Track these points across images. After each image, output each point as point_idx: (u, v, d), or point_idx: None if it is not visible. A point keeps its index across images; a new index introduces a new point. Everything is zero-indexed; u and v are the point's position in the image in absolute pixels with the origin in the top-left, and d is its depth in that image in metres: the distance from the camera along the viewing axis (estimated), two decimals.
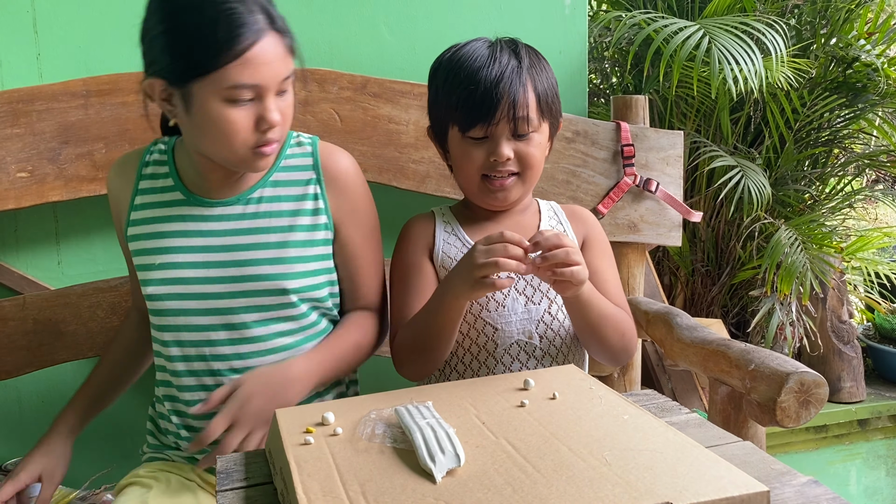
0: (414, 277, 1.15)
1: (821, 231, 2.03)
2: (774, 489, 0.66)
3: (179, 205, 1.11)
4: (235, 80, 0.95)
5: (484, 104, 1.06)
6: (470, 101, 1.06)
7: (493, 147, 1.08)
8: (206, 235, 1.09)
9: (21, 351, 1.34)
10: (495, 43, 1.11)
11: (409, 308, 1.13)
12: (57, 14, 1.39)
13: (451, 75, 1.10)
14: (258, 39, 0.95)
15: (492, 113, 1.06)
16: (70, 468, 1.46)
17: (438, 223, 1.19)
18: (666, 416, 0.86)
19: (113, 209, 1.18)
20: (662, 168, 1.57)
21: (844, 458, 2.15)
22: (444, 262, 1.15)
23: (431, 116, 1.17)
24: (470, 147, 1.09)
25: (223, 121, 0.97)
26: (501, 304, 1.12)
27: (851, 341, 2.13)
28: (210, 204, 1.10)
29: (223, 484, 0.76)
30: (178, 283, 1.08)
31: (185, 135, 1.06)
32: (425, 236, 1.18)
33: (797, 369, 1.07)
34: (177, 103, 1.00)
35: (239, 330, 1.09)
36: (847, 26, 2.06)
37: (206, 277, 1.08)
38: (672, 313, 1.39)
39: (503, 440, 0.72)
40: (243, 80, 0.95)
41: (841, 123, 2.18)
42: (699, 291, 2.24)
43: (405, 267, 1.17)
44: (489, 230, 1.16)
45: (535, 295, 1.14)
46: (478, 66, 1.07)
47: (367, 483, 0.65)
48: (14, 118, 1.30)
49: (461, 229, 1.18)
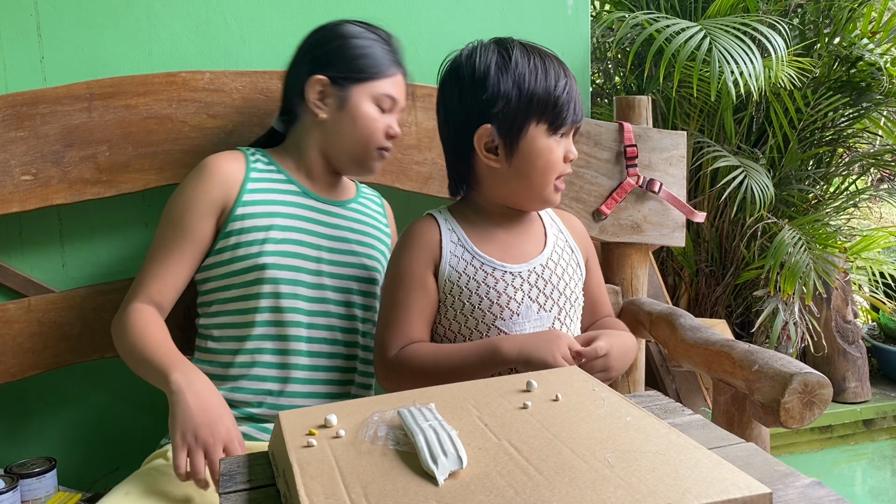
0: (416, 293, 1.14)
1: (825, 231, 2.02)
2: (777, 491, 0.66)
3: (296, 195, 1.28)
4: (387, 91, 1.27)
5: (572, 101, 1.11)
6: (564, 98, 1.10)
7: (568, 145, 1.13)
8: (320, 224, 1.28)
9: (26, 353, 1.34)
10: (532, 46, 1.14)
11: (410, 326, 1.12)
12: (61, 17, 1.40)
13: (536, 72, 1.10)
14: (403, 72, 1.31)
15: (578, 111, 1.13)
16: (75, 469, 1.47)
17: (444, 232, 1.16)
18: (669, 418, 0.86)
19: (215, 189, 1.23)
20: (666, 168, 1.57)
21: (850, 459, 2.15)
22: (450, 277, 1.13)
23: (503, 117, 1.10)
24: (555, 145, 1.11)
25: (371, 118, 1.26)
26: (515, 312, 1.13)
27: (856, 341, 2.13)
28: (324, 201, 1.31)
29: (226, 486, 0.76)
30: (291, 257, 1.23)
31: (325, 131, 1.27)
32: (430, 248, 1.15)
33: (801, 370, 1.07)
34: (330, 102, 1.25)
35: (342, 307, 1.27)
36: (850, 25, 2.06)
37: (319, 258, 1.26)
38: (676, 314, 1.39)
39: (505, 442, 0.72)
40: (392, 92, 1.27)
41: (845, 123, 2.18)
42: (703, 292, 2.24)
43: (408, 280, 1.14)
44: (496, 237, 1.17)
45: (547, 302, 1.15)
46: (552, 64, 1.12)
47: (370, 485, 0.65)
48: (18, 121, 1.31)
49: (468, 240, 1.16)
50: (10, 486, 1.25)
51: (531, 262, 1.16)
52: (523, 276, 1.14)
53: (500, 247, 1.16)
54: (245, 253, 1.22)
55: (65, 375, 1.46)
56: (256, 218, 1.23)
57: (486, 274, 1.13)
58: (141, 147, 1.37)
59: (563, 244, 1.22)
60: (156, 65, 1.44)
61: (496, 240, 1.17)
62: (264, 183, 1.27)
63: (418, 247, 1.15)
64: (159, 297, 1.22)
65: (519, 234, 1.19)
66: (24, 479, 1.29)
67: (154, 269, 1.23)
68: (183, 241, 1.22)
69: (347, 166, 1.31)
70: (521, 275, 1.14)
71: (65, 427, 1.49)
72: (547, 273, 1.16)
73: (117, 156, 1.36)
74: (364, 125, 1.25)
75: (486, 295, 1.12)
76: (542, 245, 1.20)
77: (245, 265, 1.22)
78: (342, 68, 1.25)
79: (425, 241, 1.16)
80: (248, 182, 1.25)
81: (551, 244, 1.20)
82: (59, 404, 1.49)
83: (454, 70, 1.15)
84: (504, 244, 1.17)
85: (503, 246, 1.16)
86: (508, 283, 1.13)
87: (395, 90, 1.28)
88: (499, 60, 1.11)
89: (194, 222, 1.22)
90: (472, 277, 1.13)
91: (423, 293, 1.14)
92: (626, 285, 1.59)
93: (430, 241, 1.15)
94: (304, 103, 1.27)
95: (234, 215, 1.23)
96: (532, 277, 1.15)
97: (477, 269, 1.13)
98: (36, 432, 1.48)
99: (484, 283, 1.13)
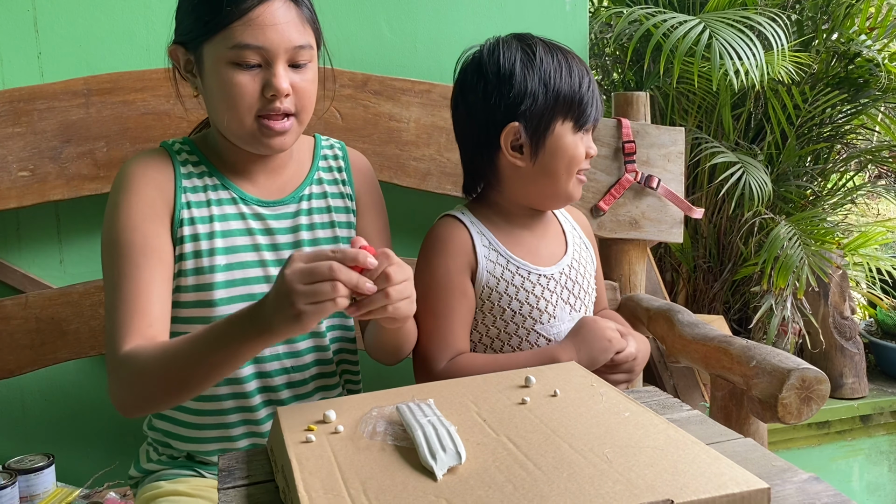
0: (457, 301, 1.10)
1: (822, 227, 2.02)
2: (775, 486, 0.66)
3: (234, 203, 1.06)
4: (239, 40, 0.94)
5: (595, 98, 1.12)
6: (588, 95, 1.11)
7: (588, 142, 1.13)
8: (268, 234, 1.07)
9: (24, 350, 1.34)
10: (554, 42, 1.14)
11: (455, 336, 1.09)
12: (58, 13, 1.39)
13: (561, 69, 1.10)
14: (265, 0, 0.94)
15: (600, 107, 1.13)
16: (72, 466, 1.47)
17: (475, 235, 1.12)
18: (667, 413, 0.86)
19: (148, 209, 1.01)
20: (664, 164, 1.57)
21: (847, 454, 2.15)
22: (488, 283, 1.11)
23: (530, 115, 1.08)
24: (579, 142, 1.11)
25: (228, 83, 0.96)
26: (553, 316, 1.13)
27: (853, 337, 2.13)
28: (266, 204, 1.08)
29: (225, 482, 0.76)
30: (244, 284, 1.04)
31: (207, 110, 1.05)
32: (465, 253, 1.11)
33: (798, 366, 1.07)
34: (193, 71, 1.01)
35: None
36: (848, 21, 2.06)
37: (271, 277, 1.05)
38: (674, 310, 1.40)
39: (504, 437, 0.72)
40: (247, 39, 0.94)
41: (843, 119, 2.18)
42: (701, 288, 2.24)
43: (447, 287, 1.09)
44: (525, 240, 1.16)
45: (577, 302, 1.16)
46: (574, 61, 1.12)
47: (369, 481, 0.65)
48: (15, 117, 1.31)
49: (500, 244, 1.13)
50: (9, 482, 1.25)
51: (560, 264, 1.16)
52: (556, 279, 1.14)
53: (529, 249, 1.15)
54: (204, 282, 1.03)
55: (62, 372, 1.46)
56: (200, 240, 1.03)
57: (522, 279, 1.12)
58: (139, 143, 1.36)
59: (579, 242, 1.23)
60: (153, 60, 1.44)
61: (524, 242, 1.16)
62: (198, 194, 1.05)
63: (453, 252, 1.11)
64: (152, 330, 0.97)
65: (543, 235, 1.18)
66: (23, 475, 1.29)
67: (130, 305, 0.96)
68: (147, 261, 0.98)
69: (240, 143, 1.03)
70: (554, 277, 1.14)
71: (63, 423, 1.49)
72: (574, 273, 1.17)
73: (115, 151, 1.36)
74: (224, 94, 0.97)
75: (526, 300, 1.12)
76: (564, 245, 1.20)
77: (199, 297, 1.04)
78: (187, 25, 0.99)
79: (458, 245, 1.11)
80: (182, 193, 1.04)
81: (572, 243, 1.20)
82: (56, 400, 1.49)
83: (476, 66, 1.12)
84: (532, 246, 1.16)
85: (532, 248, 1.15)
86: (544, 287, 1.13)
87: (255, 34, 0.94)
88: (523, 58, 1.09)
89: (150, 238, 1.00)
90: (511, 283, 1.11)
91: (464, 300, 1.10)
92: (624, 281, 1.59)
93: (464, 246, 1.12)
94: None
95: (178, 237, 1.03)
96: (563, 279, 1.15)
97: (514, 274, 1.12)
98: (34, 428, 1.48)
99: (522, 289, 1.11)
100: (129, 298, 0.96)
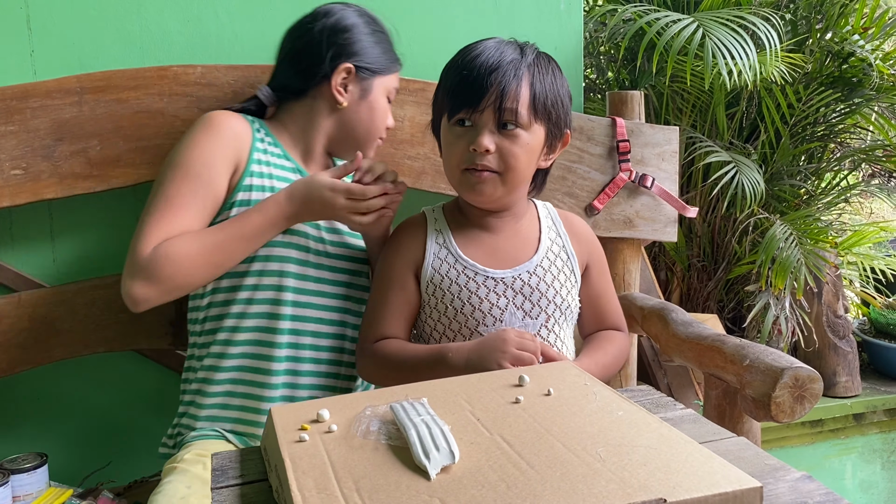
0: (394, 292, 1.15)
1: (816, 226, 2.03)
2: (768, 484, 0.67)
3: (294, 172, 1.26)
4: (395, 85, 1.33)
5: (472, 89, 1.07)
6: (461, 86, 1.08)
7: (474, 136, 1.08)
8: None
9: (16, 349, 1.33)
10: (508, 41, 1.12)
11: (385, 323, 1.14)
12: (51, 11, 1.39)
13: (452, 64, 1.13)
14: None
15: (478, 98, 1.06)
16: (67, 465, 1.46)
17: (430, 232, 1.17)
18: (660, 412, 0.86)
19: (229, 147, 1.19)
20: (658, 164, 1.57)
21: (840, 453, 2.16)
22: (433, 279, 1.13)
23: (433, 110, 1.18)
24: (454, 137, 1.10)
25: (384, 111, 1.31)
26: (498, 319, 1.11)
27: (847, 336, 2.14)
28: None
29: (218, 481, 0.76)
30: (296, 235, 1.22)
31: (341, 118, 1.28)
32: (414, 248, 1.16)
33: (792, 364, 1.08)
34: (352, 90, 1.26)
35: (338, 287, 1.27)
36: (842, 21, 2.06)
37: (320, 238, 1.25)
38: (668, 309, 1.40)
39: (497, 436, 0.72)
40: (397, 86, 1.34)
41: (836, 118, 2.19)
42: (695, 287, 2.25)
43: (388, 279, 1.16)
44: (483, 242, 1.16)
45: (534, 310, 1.13)
46: (477, 54, 1.09)
47: (362, 480, 0.65)
48: (8, 115, 1.30)
49: (453, 241, 1.15)
50: (2, 481, 1.25)
51: (517, 269, 1.14)
52: (507, 283, 1.12)
53: (486, 251, 1.15)
54: None
55: (56, 371, 1.46)
56: (259, 191, 1.20)
57: (467, 279, 1.12)
58: (132, 141, 1.36)
59: (557, 249, 1.18)
60: (147, 58, 1.44)
61: (483, 244, 1.15)
62: (266, 155, 1.24)
63: (401, 249, 1.16)
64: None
65: (508, 237, 1.17)
66: (16, 474, 1.28)
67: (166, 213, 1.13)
68: (204, 192, 1.15)
69: (347, 152, 1.31)
70: (505, 281, 1.12)
71: (56, 422, 1.49)
72: (534, 280, 1.13)
73: (108, 150, 1.35)
74: (378, 117, 1.30)
75: (468, 300, 1.11)
76: (532, 250, 1.17)
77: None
78: (368, 59, 1.27)
79: (407, 242, 1.17)
80: (255, 152, 1.22)
81: (544, 249, 1.17)
82: (50, 400, 1.48)
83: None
84: (490, 248, 1.15)
85: (489, 250, 1.15)
86: (490, 290, 1.11)
87: (398, 84, 1.34)
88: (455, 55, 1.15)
89: (214, 175, 1.17)
90: (455, 281, 1.12)
91: (402, 293, 1.15)
92: (618, 280, 1.59)
93: (414, 242, 1.16)
94: (321, 86, 1.26)
95: (242, 185, 1.20)
96: (517, 284, 1.12)
97: (459, 274, 1.12)
98: (27, 428, 1.48)
99: (465, 288, 1.11)
100: (167, 207, 1.13)
